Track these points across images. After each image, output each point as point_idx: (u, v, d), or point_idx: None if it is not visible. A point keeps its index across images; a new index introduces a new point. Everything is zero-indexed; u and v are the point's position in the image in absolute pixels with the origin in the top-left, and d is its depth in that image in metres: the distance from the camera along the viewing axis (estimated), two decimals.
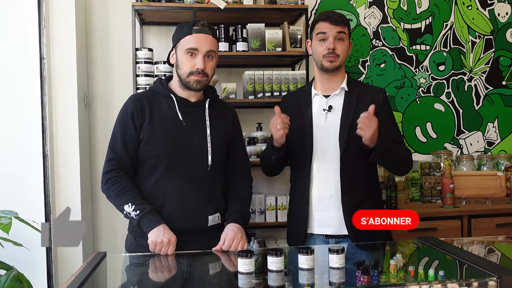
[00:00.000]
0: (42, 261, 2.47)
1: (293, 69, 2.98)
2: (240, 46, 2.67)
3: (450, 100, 3.27)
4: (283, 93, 2.63)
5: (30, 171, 2.49)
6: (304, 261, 1.42)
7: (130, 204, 1.72)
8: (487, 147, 3.32)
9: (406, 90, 3.22)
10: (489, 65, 3.30)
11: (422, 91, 3.24)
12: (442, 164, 3.03)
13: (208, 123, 1.86)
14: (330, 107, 2.01)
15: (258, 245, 2.65)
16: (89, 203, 2.79)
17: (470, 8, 3.27)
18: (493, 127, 3.33)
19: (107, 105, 2.85)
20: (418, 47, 3.23)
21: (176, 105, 1.84)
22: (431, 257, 1.66)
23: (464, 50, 3.27)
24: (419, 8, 3.22)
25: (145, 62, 2.57)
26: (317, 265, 1.45)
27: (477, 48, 3.29)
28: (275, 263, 1.39)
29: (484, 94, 3.31)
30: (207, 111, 1.88)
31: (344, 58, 2.01)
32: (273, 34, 2.67)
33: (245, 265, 1.39)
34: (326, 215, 1.96)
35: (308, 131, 2.00)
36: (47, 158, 2.51)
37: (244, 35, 2.67)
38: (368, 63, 3.17)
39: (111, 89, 2.86)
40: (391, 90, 3.18)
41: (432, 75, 3.24)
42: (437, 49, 3.24)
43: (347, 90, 2.03)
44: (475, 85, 3.30)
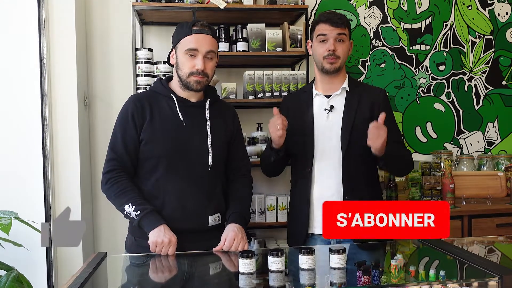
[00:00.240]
0: (42, 261, 2.47)
1: (293, 69, 2.98)
2: (240, 46, 2.66)
3: (450, 100, 3.27)
4: (283, 93, 2.63)
5: (30, 171, 2.49)
6: (305, 261, 1.42)
7: (130, 204, 1.72)
8: (487, 147, 3.32)
9: (406, 90, 3.22)
10: (489, 65, 3.30)
11: (422, 91, 3.23)
12: (442, 164, 3.02)
13: (208, 123, 1.86)
14: (332, 107, 2.01)
15: (258, 245, 2.65)
16: (89, 203, 2.79)
17: (470, 8, 3.27)
18: (493, 127, 3.33)
19: (107, 105, 2.85)
20: (418, 47, 3.22)
21: (177, 105, 1.84)
22: (432, 257, 1.66)
23: (464, 50, 3.27)
24: (419, 8, 3.22)
25: (145, 62, 2.56)
26: (318, 265, 1.45)
27: (477, 48, 3.29)
28: (276, 263, 1.39)
29: (484, 94, 3.31)
30: (207, 111, 1.88)
31: (344, 59, 2.01)
32: (273, 34, 2.67)
33: (246, 265, 1.39)
34: None
35: (309, 131, 2.00)
36: (47, 158, 2.50)
37: (244, 35, 2.67)
38: (368, 63, 3.17)
39: (111, 89, 2.86)
40: (391, 90, 3.18)
41: (432, 75, 3.24)
42: (437, 49, 3.24)
43: (348, 90, 2.03)
44: (475, 85, 3.29)
